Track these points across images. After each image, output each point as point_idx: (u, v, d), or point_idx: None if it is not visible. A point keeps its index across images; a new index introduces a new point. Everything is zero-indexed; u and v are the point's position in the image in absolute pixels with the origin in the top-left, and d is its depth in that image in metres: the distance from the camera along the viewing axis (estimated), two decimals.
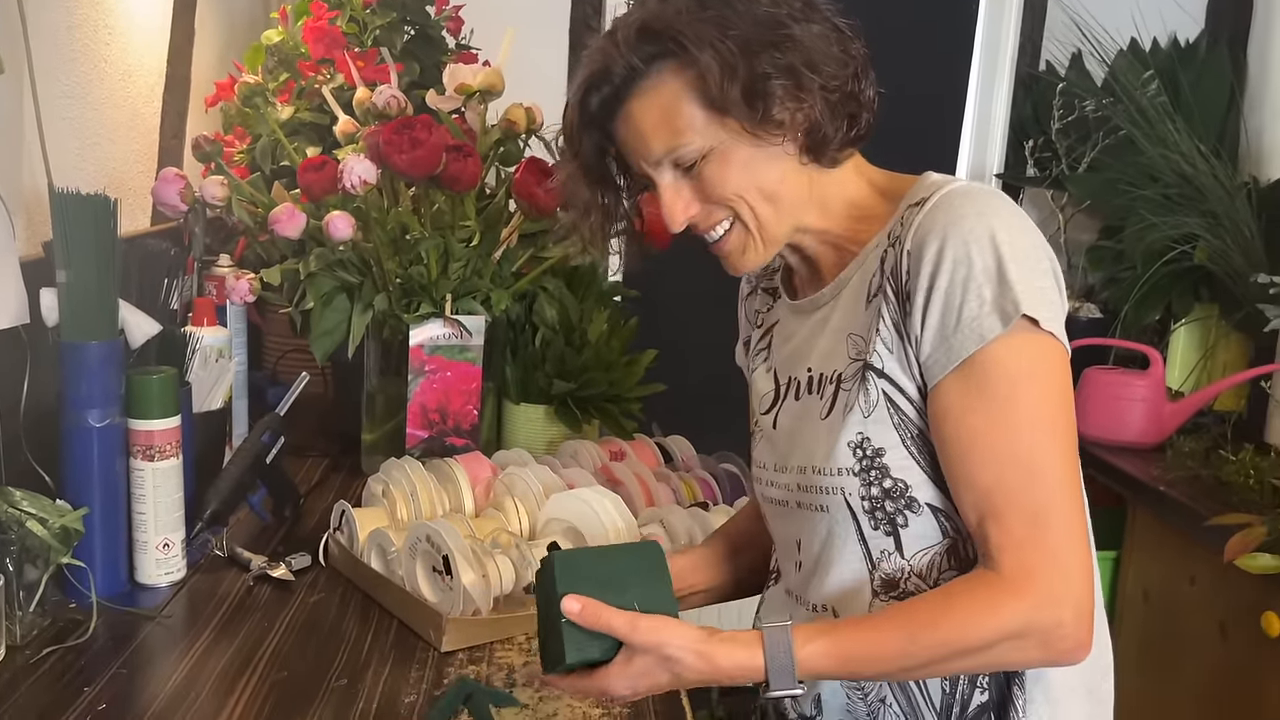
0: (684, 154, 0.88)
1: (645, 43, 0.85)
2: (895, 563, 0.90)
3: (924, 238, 0.84)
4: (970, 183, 0.88)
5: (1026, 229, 0.85)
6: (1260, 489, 1.73)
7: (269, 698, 1.04)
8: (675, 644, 0.82)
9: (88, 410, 1.19)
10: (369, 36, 1.74)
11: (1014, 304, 0.80)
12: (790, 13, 0.86)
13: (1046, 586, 0.79)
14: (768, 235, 0.92)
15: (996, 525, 0.81)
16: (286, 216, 1.31)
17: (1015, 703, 0.88)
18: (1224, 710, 1.72)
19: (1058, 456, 0.82)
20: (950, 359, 0.83)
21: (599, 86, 0.88)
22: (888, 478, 0.88)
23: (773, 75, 0.84)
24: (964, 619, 0.81)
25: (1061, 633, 0.80)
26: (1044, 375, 0.83)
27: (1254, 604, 1.63)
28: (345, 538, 1.34)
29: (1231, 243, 2.16)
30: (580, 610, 0.83)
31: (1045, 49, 2.60)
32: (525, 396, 1.64)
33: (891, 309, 0.87)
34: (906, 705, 0.92)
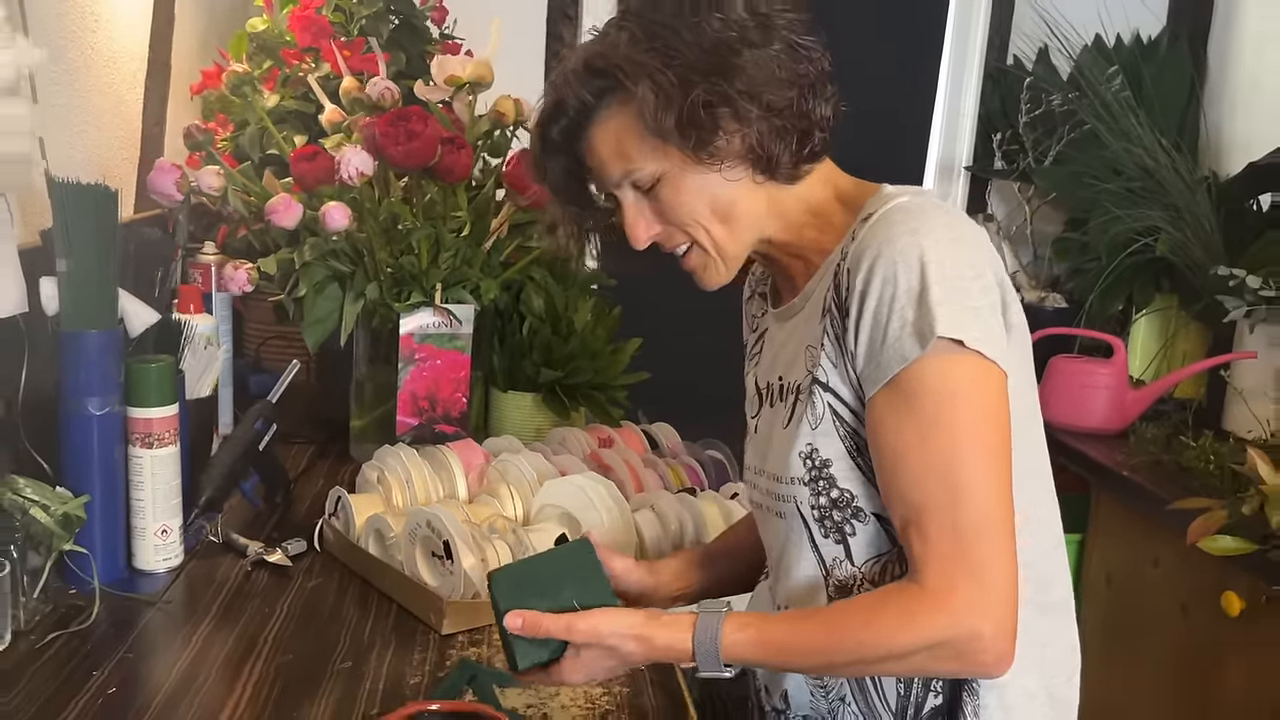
0: (638, 178, 0.92)
1: (592, 77, 0.90)
2: (847, 570, 0.93)
3: (860, 254, 0.87)
4: (916, 197, 0.90)
5: (963, 247, 0.86)
6: (1220, 474, 1.80)
7: (276, 680, 1.06)
8: (612, 633, 0.89)
9: (88, 398, 1.20)
10: (355, 26, 1.75)
11: (930, 327, 0.82)
12: (743, 36, 0.87)
13: (966, 600, 0.81)
14: (726, 254, 0.95)
15: (921, 538, 0.83)
16: (283, 207, 1.32)
17: (965, 708, 0.91)
18: (1185, 688, 1.79)
19: (982, 473, 0.83)
20: (879, 376, 0.86)
21: (557, 119, 0.94)
22: (835, 488, 0.92)
23: (709, 104, 0.86)
24: (883, 626, 0.83)
25: (979, 645, 0.81)
26: (969, 394, 0.84)
27: (1214, 585, 1.70)
28: (341, 523, 1.36)
29: (1191, 235, 2.22)
30: (521, 624, 0.91)
31: (1013, 44, 2.65)
32: (512, 384, 1.66)
33: (835, 324, 0.89)
34: (864, 705, 0.95)
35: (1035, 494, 0.94)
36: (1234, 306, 2.03)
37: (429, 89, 1.57)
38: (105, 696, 1.01)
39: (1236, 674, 1.67)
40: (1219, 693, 1.71)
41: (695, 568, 1.13)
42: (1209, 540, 1.58)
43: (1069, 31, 2.58)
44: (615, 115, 0.90)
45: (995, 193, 2.70)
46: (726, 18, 0.87)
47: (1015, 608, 0.82)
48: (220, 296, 1.80)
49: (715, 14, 0.87)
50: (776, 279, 1.05)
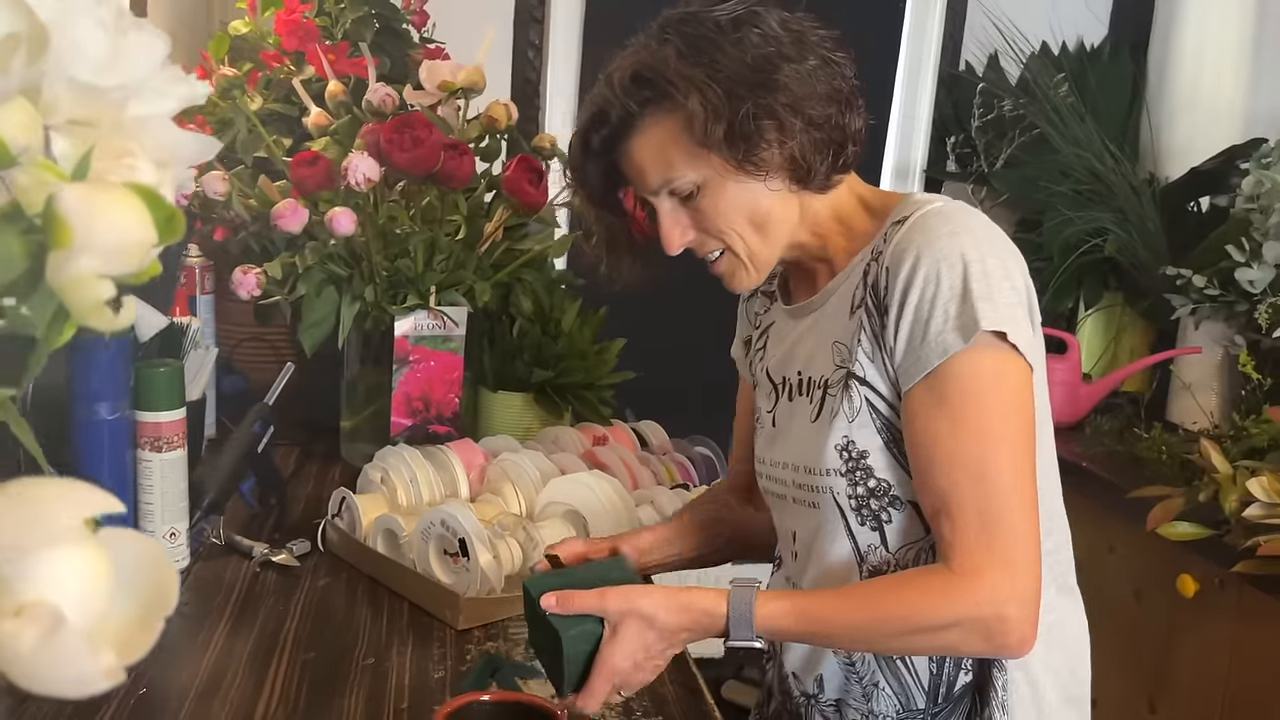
0: (678, 186, 0.96)
1: (638, 88, 0.93)
2: (881, 556, 0.98)
3: (900, 255, 0.92)
4: (949, 203, 0.96)
5: (998, 249, 0.92)
6: (1172, 463, 1.90)
7: (303, 678, 1.09)
8: (648, 602, 0.91)
9: (99, 403, 1.21)
10: (340, 30, 1.76)
11: (974, 321, 0.87)
12: (780, 50, 0.92)
13: (992, 584, 0.86)
14: (758, 261, 0.99)
15: (950, 524, 0.88)
16: (290, 212, 1.34)
17: (995, 683, 0.96)
18: (1140, 665, 1.89)
19: (1010, 464, 0.88)
20: (918, 370, 0.91)
21: (598, 128, 0.97)
22: (872, 478, 0.97)
23: (756, 116, 0.90)
24: (913, 601, 0.89)
25: (1004, 627, 0.87)
26: (1001, 389, 0.89)
27: (1168, 569, 1.79)
28: (345, 523, 1.38)
29: (1137, 237, 2.33)
30: (556, 601, 0.92)
31: (965, 50, 2.74)
32: (502, 385, 1.69)
33: (872, 321, 0.94)
34: (898, 686, 1.00)
35: (1053, 486, 1.01)
36: (1180, 304, 2.14)
37: (419, 94, 1.59)
38: (137, 698, 1.03)
39: (1190, 653, 1.77)
40: (1173, 671, 1.81)
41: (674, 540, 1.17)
42: (1167, 526, 1.67)
43: (1018, 38, 2.68)
44: (659, 125, 0.94)
45: (949, 195, 2.78)
46: (765, 32, 0.92)
47: (1039, 592, 0.88)
48: (204, 299, 1.81)
49: (754, 28, 0.92)
50: (791, 278, 1.10)
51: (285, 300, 1.45)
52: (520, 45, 2.56)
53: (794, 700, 1.10)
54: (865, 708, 1.03)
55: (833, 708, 1.06)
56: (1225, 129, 2.39)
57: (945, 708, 0.99)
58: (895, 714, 1.01)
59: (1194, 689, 1.75)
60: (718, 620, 0.91)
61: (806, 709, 1.09)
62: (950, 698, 0.99)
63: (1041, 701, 0.98)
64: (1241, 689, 1.65)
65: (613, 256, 1.07)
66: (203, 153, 0.48)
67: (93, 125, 0.41)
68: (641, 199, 1.00)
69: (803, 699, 1.09)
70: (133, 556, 0.34)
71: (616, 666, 0.91)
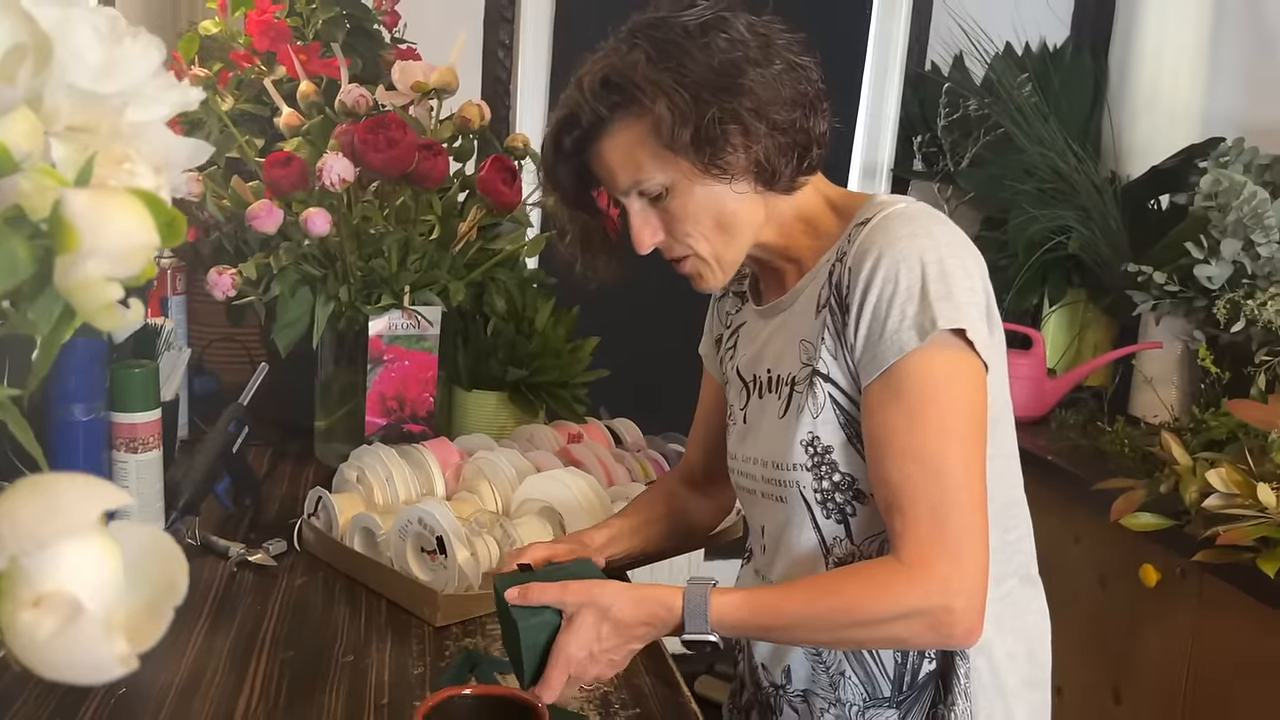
0: (647, 187, 0.98)
1: (608, 92, 0.95)
2: (846, 548, 1.01)
3: (862, 255, 0.94)
4: (912, 204, 0.98)
5: (957, 250, 0.94)
6: (1135, 456, 1.94)
7: (283, 676, 1.09)
8: (605, 593, 0.94)
9: (74, 404, 1.21)
10: (311, 30, 1.76)
11: (931, 320, 0.90)
12: (747, 55, 0.93)
13: (941, 575, 0.88)
14: (724, 262, 1.02)
15: (901, 516, 0.91)
16: (265, 212, 1.34)
17: (958, 670, 0.99)
18: (1104, 653, 1.93)
19: (961, 460, 0.90)
20: (875, 366, 0.93)
21: (569, 130, 1.00)
22: (836, 472, 0.99)
23: (721, 121, 0.92)
24: (861, 593, 0.91)
25: (950, 619, 0.88)
26: (956, 386, 0.92)
27: (1131, 559, 1.83)
28: (322, 522, 1.39)
29: (1100, 234, 2.38)
30: (519, 593, 0.95)
31: (931, 50, 2.78)
32: (477, 383, 1.70)
33: (835, 319, 0.97)
34: (864, 675, 1.03)
35: (1015, 479, 1.03)
36: (1142, 300, 2.18)
37: (392, 94, 1.60)
38: (117, 697, 1.03)
39: (1153, 642, 1.81)
40: (1137, 659, 1.85)
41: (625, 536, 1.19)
42: (1130, 517, 1.71)
43: (983, 39, 2.72)
44: (628, 128, 0.96)
45: (915, 193, 2.82)
46: (731, 37, 0.93)
47: (985, 584, 0.90)
48: (176, 300, 1.80)
49: (721, 33, 0.94)
50: (761, 278, 1.13)
51: (259, 300, 1.46)
52: (490, 45, 2.56)
53: (764, 691, 1.13)
54: (833, 696, 1.05)
55: (800, 698, 1.08)
56: (1184, 128, 2.44)
57: (910, 695, 1.02)
58: (862, 703, 1.04)
59: (1157, 676, 1.80)
60: (674, 613, 0.93)
61: (775, 699, 1.11)
62: (915, 686, 1.01)
63: (1003, 687, 1.02)
64: (1202, 676, 1.69)
65: (587, 255, 1.09)
66: (195, 157, 0.49)
67: (91, 131, 0.42)
68: (614, 199, 1.02)
69: (771, 690, 1.11)
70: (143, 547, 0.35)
71: (571, 655, 0.93)
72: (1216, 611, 1.66)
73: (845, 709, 1.05)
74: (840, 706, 1.05)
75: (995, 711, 1.01)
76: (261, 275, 1.44)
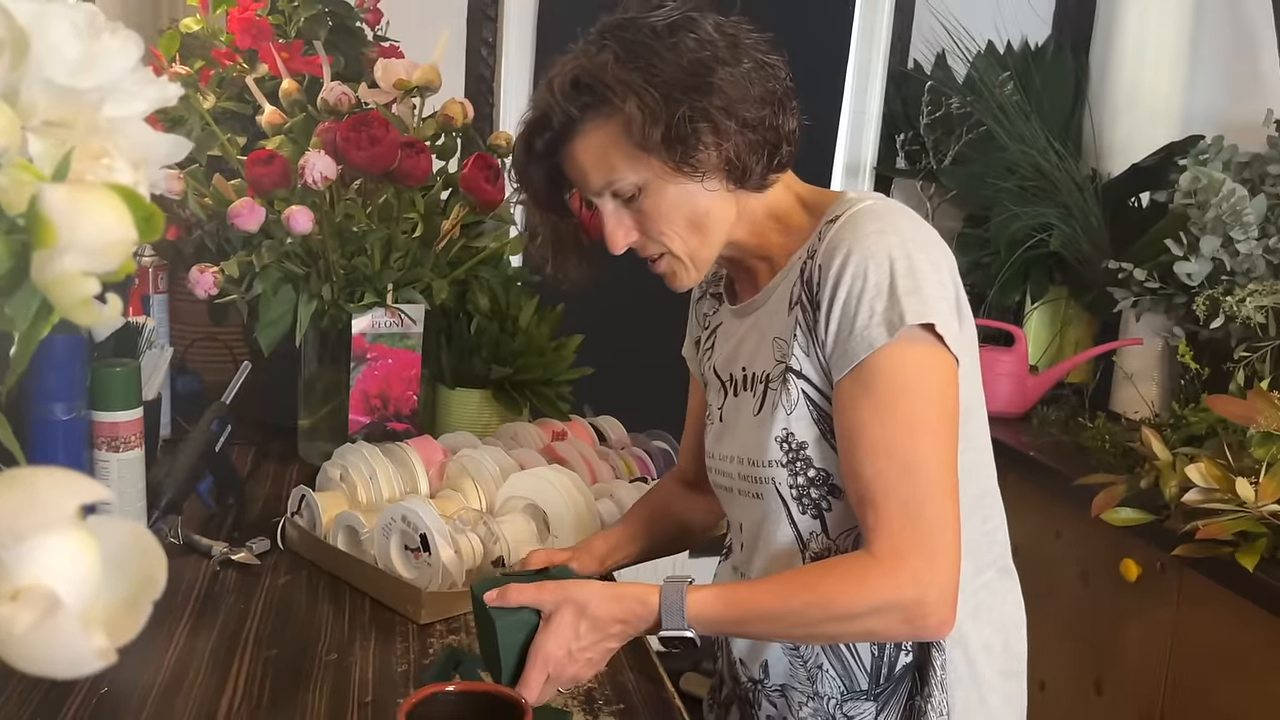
0: (620, 188, 0.98)
1: (578, 93, 0.95)
2: (822, 542, 1.02)
3: (831, 252, 0.95)
4: (880, 201, 0.99)
5: (925, 246, 0.95)
6: (1115, 452, 1.95)
7: (266, 674, 1.09)
8: (581, 592, 0.94)
9: (54, 403, 1.20)
10: (293, 28, 1.76)
11: (900, 316, 0.91)
12: (715, 54, 0.94)
13: (913, 568, 0.89)
14: (697, 260, 1.02)
15: (873, 511, 0.92)
16: (247, 210, 1.34)
17: (934, 662, 1.00)
18: (1086, 647, 1.94)
19: (933, 454, 0.91)
20: (846, 362, 0.94)
21: (541, 132, 1.00)
22: (811, 468, 1.00)
23: (692, 119, 0.93)
24: (835, 587, 0.92)
25: (923, 611, 0.89)
26: (925, 381, 0.93)
27: (1112, 554, 1.85)
28: (305, 521, 1.38)
29: (1081, 231, 2.39)
30: (497, 594, 0.96)
31: (913, 48, 2.79)
32: (461, 381, 1.70)
33: (807, 316, 0.98)
34: (841, 669, 1.04)
35: (989, 471, 1.04)
36: (1123, 297, 2.20)
37: (374, 92, 1.60)
38: (99, 696, 1.03)
39: (1134, 635, 1.83)
40: (1118, 653, 1.86)
41: (628, 541, 1.23)
42: (1111, 512, 1.72)
43: (965, 37, 2.73)
44: (599, 129, 0.96)
45: (899, 191, 2.83)
46: (700, 37, 0.94)
47: (957, 576, 0.91)
48: (158, 298, 1.80)
49: (689, 33, 0.94)
50: (735, 278, 1.13)
51: (242, 299, 1.45)
52: (474, 43, 2.56)
53: (742, 686, 1.13)
54: (810, 690, 1.06)
55: (778, 692, 1.09)
56: (1164, 126, 2.46)
57: (887, 688, 1.02)
58: (839, 696, 1.04)
59: (1138, 670, 1.81)
60: (650, 610, 0.94)
61: (754, 694, 1.12)
62: (892, 678, 1.02)
63: (979, 677, 1.03)
64: (1183, 669, 1.71)
65: (558, 257, 1.10)
66: (174, 153, 0.49)
67: (69, 127, 0.42)
68: (587, 200, 1.02)
69: (750, 684, 1.12)
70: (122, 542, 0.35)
71: (550, 654, 0.93)
72: (1196, 605, 1.68)
73: (823, 702, 1.05)
74: (818, 700, 1.06)
75: (972, 702, 1.02)
76: (243, 274, 1.44)
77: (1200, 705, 1.67)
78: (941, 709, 1.00)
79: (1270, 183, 2.07)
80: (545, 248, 1.10)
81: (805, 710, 1.07)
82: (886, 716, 1.03)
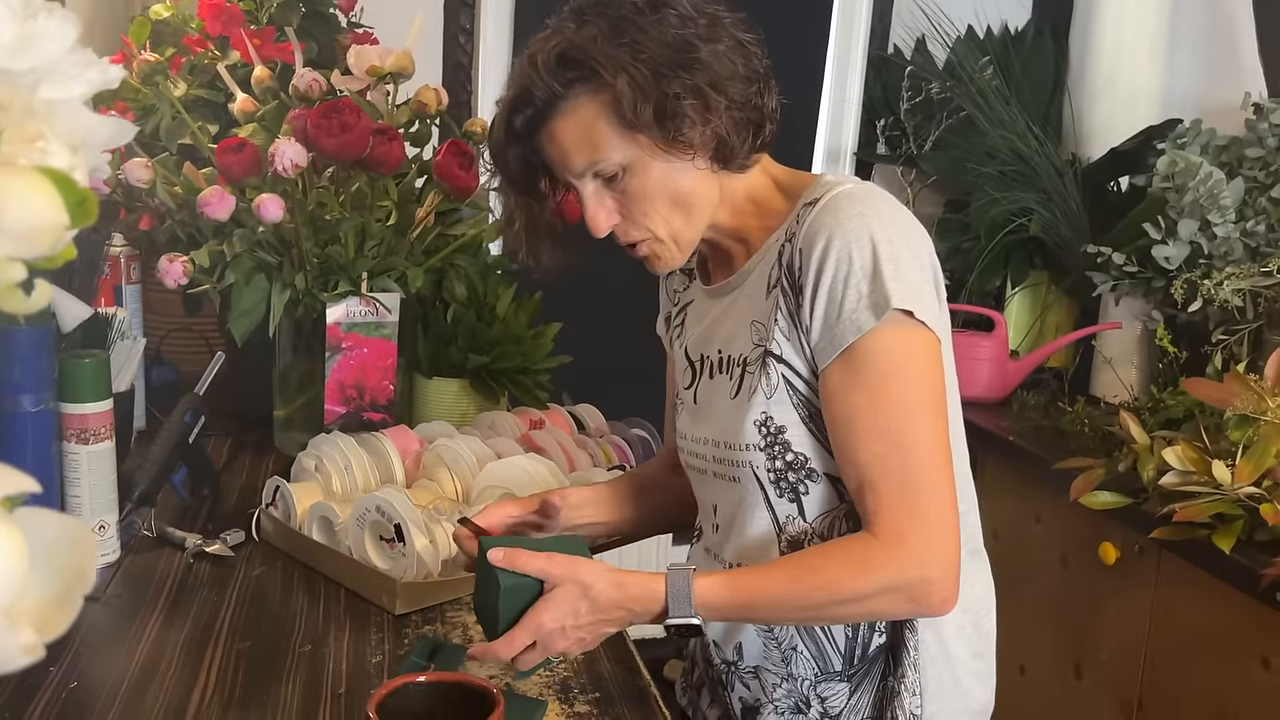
0: (604, 168, 0.97)
1: (564, 69, 0.94)
2: (799, 526, 1.02)
3: (813, 236, 0.95)
4: (858, 185, 0.99)
5: (905, 229, 0.95)
6: (1094, 435, 1.96)
7: (239, 666, 1.08)
8: (589, 571, 0.93)
9: (22, 395, 1.19)
10: (265, 14, 1.74)
11: (885, 299, 0.91)
12: (697, 32, 0.94)
13: (915, 549, 0.90)
14: (681, 241, 1.01)
15: (872, 493, 0.92)
16: (216, 199, 1.32)
17: (907, 643, 1.01)
18: (1066, 630, 1.95)
19: (926, 434, 0.92)
20: (834, 347, 0.94)
21: (522, 109, 0.97)
22: (790, 452, 1.00)
23: (681, 96, 0.92)
24: (841, 570, 0.92)
25: (929, 589, 0.90)
26: (914, 362, 0.93)
27: (1091, 537, 1.85)
28: (280, 512, 1.37)
29: (1060, 216, 2.39)
30: (503, 555, 0.94)
31: (893, 33, 2.78)
32: (438, 371, 1.69)
33: (788, 300, 0.97)
34: (815, 650, 1.04)
35: (962, 454, 1.04)
36: (1101, 281, 2.20)
37: (347, 79, 1.58)
38: (68, 691, 1.02)
39: (1112, 616, 1.83)
40: (1098, 636, 1.87)
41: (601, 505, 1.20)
42: (1089, 496, 1.73)
43: (944, 22, 2.72)
44: (585, 106, 0.94)
45: (879, 177, 2.83)
46: (681, 13, 0.93)
47: (958, 553, 0.92)
48: (131, 289, 1.78)
49: (670, 9, 0.93)
50: (709, 258, 1.12)
51: (214, 289, 1.44)
52: (451, 30, 2.54)
53: (715, 668, 1.13)
54: (784, 671, 1.06)
55: (751, 674, 1.09)
56: (1143, 110, 2.46)
57: (861, 669, 1.03)
58: (813, 677, 1.05)
59: (1117, 652, 1.82)
60: (657, 597, 0.93)
61: (728, 676, 1.12)
62: (865, 659, 1.03)
63: (951, 657, 1.03)
64: (1161, 651, 1.72)
65: (532, 243, 1.08)
66: (116, 137, 0.47)
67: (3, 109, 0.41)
68: (566, 183, 1.01)
69: (724, 666, 1.12)
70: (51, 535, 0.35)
71: (543, 624, 0.92)
72: (1174, 587, 1.68)
73: (797, 683, 1.05)
74: (792, 681, 1.06)
75: (944, 681, 1.03)
76: (215, 263, 1.42)
77: (1178, 686, 1.68)
78: (914, 688, 1.00)
79: (1248, 166, 2.08)
80: (519, 233, 1.08)
81: (779, 692, 1.07)
82: (860, 697, 1.03)
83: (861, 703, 1.03)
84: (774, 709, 1.07)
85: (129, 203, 1.57)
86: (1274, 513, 1.46)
